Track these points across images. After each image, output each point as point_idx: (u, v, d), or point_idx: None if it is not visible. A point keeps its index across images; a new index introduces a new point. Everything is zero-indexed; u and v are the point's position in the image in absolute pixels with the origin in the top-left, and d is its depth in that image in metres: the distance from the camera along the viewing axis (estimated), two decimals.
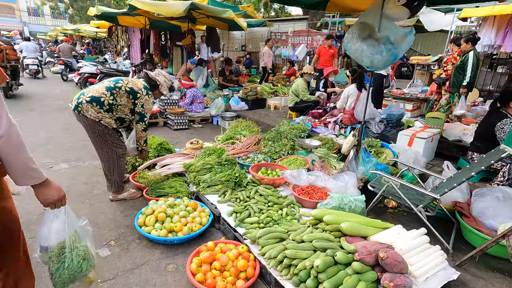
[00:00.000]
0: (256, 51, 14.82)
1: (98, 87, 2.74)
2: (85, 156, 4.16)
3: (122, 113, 2.84)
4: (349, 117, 4.57)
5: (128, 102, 2.83)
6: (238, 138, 4.42)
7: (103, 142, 2.79)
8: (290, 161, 3.56)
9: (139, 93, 2.83)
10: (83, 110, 2.65)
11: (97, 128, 2.72)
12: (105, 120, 2.73)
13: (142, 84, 2.90)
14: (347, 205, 2.59)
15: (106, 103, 2.71)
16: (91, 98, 2.67)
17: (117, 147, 2.87)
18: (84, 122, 2.70)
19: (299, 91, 5.73)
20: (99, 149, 2.83)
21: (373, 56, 2.98)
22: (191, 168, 3.20)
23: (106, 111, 2.73)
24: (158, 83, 3.00)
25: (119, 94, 2.75)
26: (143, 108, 2.87)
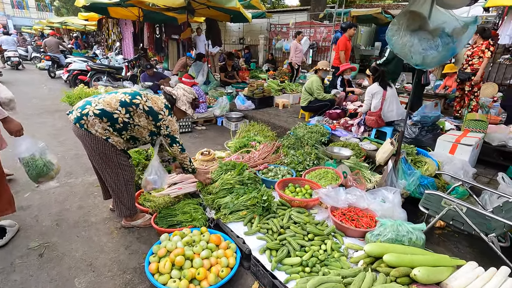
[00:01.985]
0: (255, 44, 14.19)
1: (109, 99, 2.18)
2: (77, 170, 3.59)
3: (139, 134, 2.31)
4: (376, 119, 4.09)
5: (148, 124, 2.29)
6: (253, 146, 3.91)
7: (107, 163, 2.25)
8: (319, 175, 3.06)
9: (161, 114, 2.29)
10: (88, 124, 2.11)
11: (102, 147, 2.18)
12: (113, 139, 2.19)
13: (163, 103, 2.36)
14: (405, 237, 2.11)
15: (120, 121, 2.17)
16: (102, 112, 2.13)
17: (125, 170, 2.33)
18: (86, 139, 2.15)
19: (314, 89, 5.21)
20: (103, 170, 2.30)
21: (426, 52, 2.48)
22: (207, 189, 2.68)
23: (117, 130, 2.20)
24: (174, 97, 2.43)
25: (137, 113, 2.22)
26: (168, 130, 2.34)
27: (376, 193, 2.82)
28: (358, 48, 14.03)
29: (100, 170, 2.30)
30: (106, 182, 2.35)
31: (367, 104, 4.22)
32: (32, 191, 3.05)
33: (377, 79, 4.06)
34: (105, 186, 2.55)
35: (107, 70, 8.56)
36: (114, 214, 2.65)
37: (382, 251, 1.98)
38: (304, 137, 4.00)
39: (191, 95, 2.53)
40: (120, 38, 10.80)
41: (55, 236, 2.39)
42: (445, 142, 3.41)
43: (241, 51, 14.44)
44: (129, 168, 2.35)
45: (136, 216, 2.56)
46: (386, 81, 4.02)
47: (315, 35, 11.56)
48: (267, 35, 13.65)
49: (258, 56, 13.98)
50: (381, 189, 2.84)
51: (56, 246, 2.29)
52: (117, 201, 2.40)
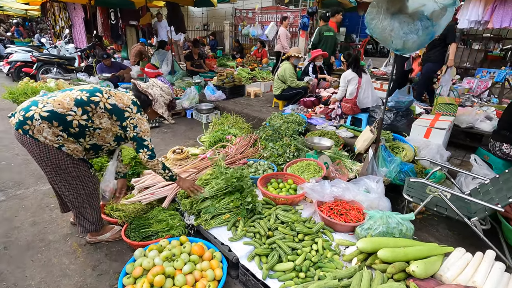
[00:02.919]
0: (221, 30, 13.63)
1: (61, 98, 1.80)
2: (28, 179, 3.11)
3: (101, 140, 1.95)
4: (351, 106, 4.04)
5: (113, 126, 1.93)
6: (229, 140, 3.68)
7: (62, 176, 1.89)
8: (301, 168, 2.94)
9: (127, 111, 1.94)
10: (34, 130, 1.72)
11: (54, 158, 1.80)
12: (68, 146, 1.83)
13: (130, 98, 2.00)
14: (396, 229, 2.06)
15: (76, 124, 1.81)
16: (51, 114, 1.74)
17: (85, 182, 1.98)
18: (33, 149, 1.76)
19: (287, 76, 5.05)
20: (58, 184, 1.93)
21: (407, 36, 2.40)
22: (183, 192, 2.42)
23: (72, 135, 1.83)
24: (151, 97, 2.09)
25: (97, 113, 1.85)
26: (136, 130, 1.97)
27: (358, 182, 2.77)
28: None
29: (54, 183, 1.94)
30: (63, 196, 2.00)
31: (342, 91, 4.16)
32: None
33: (350, 65, 3.99)
34: (62, 199, 2.19)
35: (56, 61, 7.67)
36: (76, 228, 2.31)
37: (375, 247, 1.91)
38: (281, 128, 3.85)
39: (169, 96, 2.21)
40: (69, 25, 9.69)
41: (2, 263, 2.01)
42: (419, 127, 3.45)
43: (205, 37, 13.81)
44: (90, 179, 2.01)
45: (103, 230, 2.24)
46: (361, 67, 3.97)
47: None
48: (232, 21, 13.17)
49: (224, 43, 13.47)
50: (363, 178, 2.80)
51: (5, 276, 1.92)
52: (78, 216, 2.07)
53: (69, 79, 7.32)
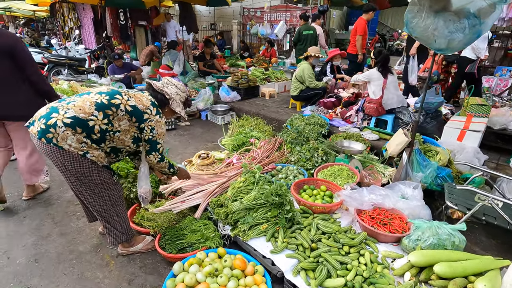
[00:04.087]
0: (228, 30, 13.52)
1: (81, 103, 1.71)
2: (51, 185, 3.03)
3: (120, 143, 1.86)
4: (376, 106, 3.90)
5: (130, 127, 1.85)
6: (253, 143, 3.57)
7: (88, 185, 1.80)
8: (334, 173, 2.82)
9: (147, 113, 1.85)
10: (58, 138, 1.64)
11: (79, 166, 1.72)
12: (92, 153, 1.74)
13: (149, 99, 1.92)
14: (448, 240, 1.94)
15: (97, 129, 1.72)
16: (74, 120, 1.66)
17: (110, 190, 1.90)
18: (57, 157, 1.68)
19: (305, 77, 4.92)
20: (83, 193, 1.84)
21: (452, 35, 2.27)
22: (217, 200, 2.32)
23: (94, 141, 1.74)
24: (167, 96, 2.00)
25: (117, 116, 1.77)
26: (153, 133, 1.90)
27: (393, 188, 2.65)
28: (333, 32, 13.95)
29: (80, 193, 1.85)
30: (89, 206, 1.91)
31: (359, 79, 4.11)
32: None
33: (378, 64, 3.85)
34: (88, 208, 2.11)
35: (67, 62, 7.61)
36: (106, 238, 2.22)
37: (428, 260, 1.79)
38: (305, 131, 3.73)
39: (184, 94, 2.12)
40: (78, 26, 9.65)
41: (35, 277, 1.93)
42: (452, 129, 3.32)
43: (213, 37, 13.71)
44: (114, 186, 1.93)
45: (134, 240, 2.15)
46: (388, 68, 3.83)
47: (292, 19, 11.20)
48: (240, 20, 13.04)
49: (232, 42, 13.36)
50: (397, 184, 2.68)
51: None
52: (107, 226, 1.98)
53: (80, 80, 7.26)
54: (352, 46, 5.98)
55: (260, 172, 2.51)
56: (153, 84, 2.01)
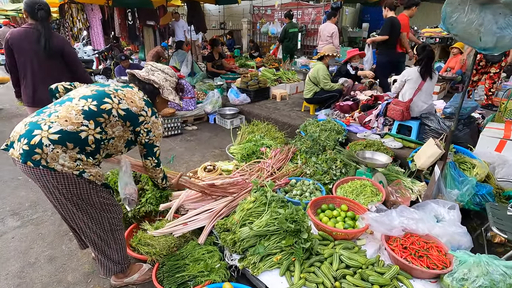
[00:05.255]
0: (238, 29, 13.24)
1: (64, 112, 1.45)
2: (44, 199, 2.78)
3: (113, 149, 1.63)
4: (403, 110, 3.52)
5: (125, 132, 1.61)
6: (263, 152, 3.27)
7: (85, 210, 1.55)
8: (355, 190, 2.49)
9: (142, 115, 1.60)
10: (47, 159, 1.38)
11: (75, 188, 1.46)
12: (89, 171, 1.48)
13: (141, 98, 1.65)
14: (503, 282, 1.59)
15: (91, 140, 1.47)
16: (62, 134, 1.40)
17: (110, 212, 1.64)
18: (49, 181, 1.42)
19: (320, 78, 4.59)
20: (77, 221, 1.59)
21: (503, 31, 1.91)
22: (223, 224, 2.03)
23: (90, 154, 1.50)
24: (156, 85, 1.73)
25: (110, 123, 1.52)
26: (149, 136, 1.66)
27: (424, 208, 2.31)
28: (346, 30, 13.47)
29: (73, 220, 1.59)
30: (82, 234, 1.65)
31: (396, 88, 3.67)
32: None
33: (420, 62, 3.43)
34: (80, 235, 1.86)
35: None
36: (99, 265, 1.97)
37: None
38: (320, 138, 3.41)
39: (174, 78, 1.85)
40: (87, 26, 9.55)
41: None
42: (489, 138, 2.93)
43: (222, 36, 13.46)
44: (115, 208, 1.67)
45: (129, 270, 1.89)
46: (430, 68, 3.39)
47: (303, 17, 10.83)
48: (250, 19, 12.74)
49: (241, 42, 13.07)
50: (429, 203, 2.34)
51: None
52: (100, 258, 1.72)
53: None
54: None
55: (272, 189, 2.22)
56: (137, 74, 1.72)
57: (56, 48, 2.66)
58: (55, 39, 2.68)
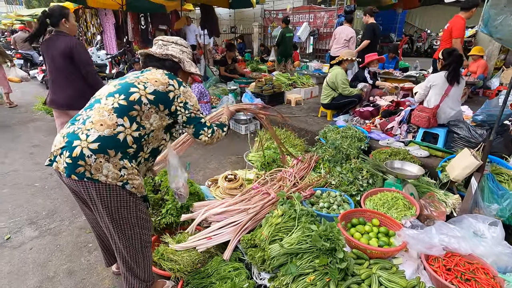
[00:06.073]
0: (249, 33, 13.21)
1: (97, 116, 1.37)
2: (61, 206, 2.75)
3: (156, 141, 1.54)
4: (429, 117, 3.36)
5: (162, 120, 1.52)
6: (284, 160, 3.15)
7: (121, 224, 1.46)
8: (386, 202, 2.35)
9: (170, 91, 1.50)
10: (92, 170, 1.30)
11: (116, 201, 1.38)
12: (132, 183, 1.40)
13: (163, 73, 1.55)
14: None
15: (131, 140, 1.39)
16: (101, 141, 1.32)
17: (143, 228, 1.55)
18: (92, 193, 1.35)
19: (338, 83, 4.46)
20: (111, 234, 1.51)
21: None
22: (250, 238, 1.92)
23: (133, 156, 1.43)
24: (176, 59, 1.63)
25: (144, 114, 1.43)
26: (188, 108, 1.55)
27: (461, 223, 2.16)
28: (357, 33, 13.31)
29: (110, 234, 1.51)
30: (116, 250, 1.56)
31: (421, 94, 3.50)
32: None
33: (447, 67, 3.28)
34: (108, 251, 1.78)
35: None
36: (120, 281, 1.88)
37: None
38: (343, 146, 3.27)
39: (188, 48, 1.75)
40: (100, 31, 9.66)
41: None
42: None
43: (232, 40, 13.45)
44: (147, 223, 1.59)
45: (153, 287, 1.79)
46: (458, 73, 3.23)
47: (315, 21, 10.72)
48: (261, 23, 12.70)
49: (252, 45, 13.03)
50: (466, 218, 2.18)
51: None
52: (126, 275, 1.62)
53: None
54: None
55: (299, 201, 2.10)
56: (153, 53, 1.61)
57: (65, 50, 2.72)
58: (63, 42, 2.73)
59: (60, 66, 2.82)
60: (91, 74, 2.90)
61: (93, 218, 1.62)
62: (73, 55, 2.76)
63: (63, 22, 2.75)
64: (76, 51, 2.76)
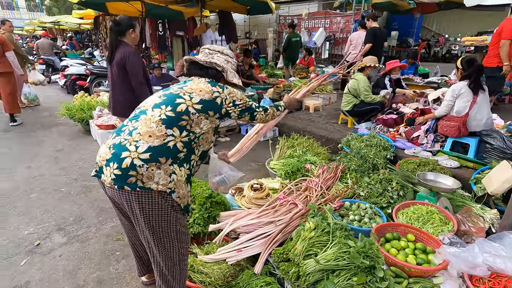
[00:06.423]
0: (263, 38, 13.26)
1: (145, 127, 1.37)
2: (88, 212, 2.77)
3: (206, 143, 1.54)
4: (459, 126, 3.24)
5: (212, 123, 1.53)
6: (309, 169, 3.09)
7: (161, 234, 1.43)
8: (421, 217, 2.25)
9: (216, 97, 1.50)
10: (143, 179, 1.30)
11: (159, 210, 1.37)
12: (178, 192, 1.39)
13: (204, 81, 1.55)
14: None
15: (181, 146, 1.40)
16: (152, 151, 1.32)
17: (182, 241, 1.53)
18: (142, 204, 1.33)
19: (360, 90, 4.38)
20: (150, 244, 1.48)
21: None
22: (282, 251, 1.87)
23: (184, 160, 1.42)
24: (219, 68, 1.63)
25: (194, 121, 1.44)
26: (237, 106, 1.58)
27: (502, 241, 2.03)
28: None
29: (149, 247, 1.49)
30: (152, 259, 1.54)
31: (446, 106, 3.38)
32: (29, 254, 2.23)
33: (468, 77, 3.18)
34: (142, 260, 1.76)
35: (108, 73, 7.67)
36: None
37: None
38: (369, 155, 3.19)
39: (233, 59, 1.75)
40: None
41: None
42: None
43: (247, 45, 13.52)
44: (185, 237, 1.56)
45: None
46: (480, 83, 3.14)
47: (331, 26, 10.65)
48: (276, 28, 12.72)
49: (267, 51, 13.06)
50: (507, 235, 2.06)
51: None
52: (161, 287, 1.59)
53: None
54: (493, 57, 4.39)
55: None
56: (197, 59, 1.62)
57: (120, 60, 2.82)
58: (120, 51, 2.82)
59: (116, 74, 2.93)
60: (138, 84, 2.94)
61: (130, 229, 1.61)
62: (126, 64, 2.83)
63: (129, 32, 2.87)
64: (128, 61, 2.83)
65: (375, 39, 5.55)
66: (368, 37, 5.61)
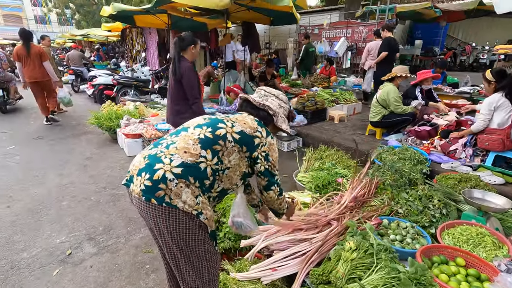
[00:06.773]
0: (283, 48, 13.29)
1: (183, 143, 1.35)
2: (117, 221, 2.77)
3: (228, 183, 1.47)
4: (503, 139, 3.03)
5: (241, 160, 1.46)
6: (340, 183, 2.96)
7: (189, 255, 1.38)
8: (470, 239, 2.07)
9: (257, 136, 1.47)
10: (171, 195, 1.25)
11: (187, 230, 1.31)
12: (206, 213, 1.33)
13: (253, 119, 1.53)
14: None
15: (210, 172, 1.35)
16: (184, 168, 1.29)
17: (212, 261, 1.47)
18: (167, 221, 1.27)
19: (390, 100, 4.22)
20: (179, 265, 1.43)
21: None
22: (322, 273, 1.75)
23: (207, 189, 1.37)
24: (271, 111, 1.59)
25: (227, 150, 1.40)
26: (268, 160, 1.51)
27: None
28: None
29: (176, 264, 1.43)
30: (182, 282, 1.48)
31: (484, 120, 3.18)
32: (61, 263, 2.23)
33: (503, 89, 3.02)
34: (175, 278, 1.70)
35: (134, 84, 7.91)
36: None
37: None
38: (404, 169, 3.02)
39: (287, 105, 1.71)
40: (144, 48, 10.19)
41: None
42: None
43: (267, 55, 13.59)
44: (216, 257, 1.49)
45: None
46: None
47: (353, 36, 10.51)
48: (296, 38, 12.73)
49: (287, 61, 13.06)
50: None
51: None
52: None
53: (144, 101, 7.44)
54: None
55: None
56: (251, 99, 1.59)
57: (179, 74, 2.92)
58: (181, 66, 2.92)
59: (172, 86, 3.07)
60: (193, 99, 3.02)
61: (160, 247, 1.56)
62: (182, 79, 2.93)
63: (191, 48, 2.96)
64: (185, 75, 2.92)
65: (390, 49, 5.76)
66: (383, 47, 5.81)
